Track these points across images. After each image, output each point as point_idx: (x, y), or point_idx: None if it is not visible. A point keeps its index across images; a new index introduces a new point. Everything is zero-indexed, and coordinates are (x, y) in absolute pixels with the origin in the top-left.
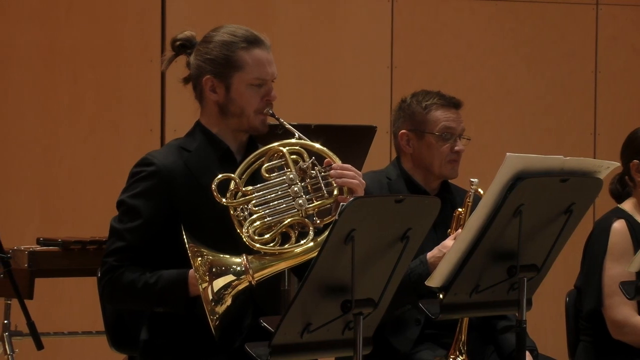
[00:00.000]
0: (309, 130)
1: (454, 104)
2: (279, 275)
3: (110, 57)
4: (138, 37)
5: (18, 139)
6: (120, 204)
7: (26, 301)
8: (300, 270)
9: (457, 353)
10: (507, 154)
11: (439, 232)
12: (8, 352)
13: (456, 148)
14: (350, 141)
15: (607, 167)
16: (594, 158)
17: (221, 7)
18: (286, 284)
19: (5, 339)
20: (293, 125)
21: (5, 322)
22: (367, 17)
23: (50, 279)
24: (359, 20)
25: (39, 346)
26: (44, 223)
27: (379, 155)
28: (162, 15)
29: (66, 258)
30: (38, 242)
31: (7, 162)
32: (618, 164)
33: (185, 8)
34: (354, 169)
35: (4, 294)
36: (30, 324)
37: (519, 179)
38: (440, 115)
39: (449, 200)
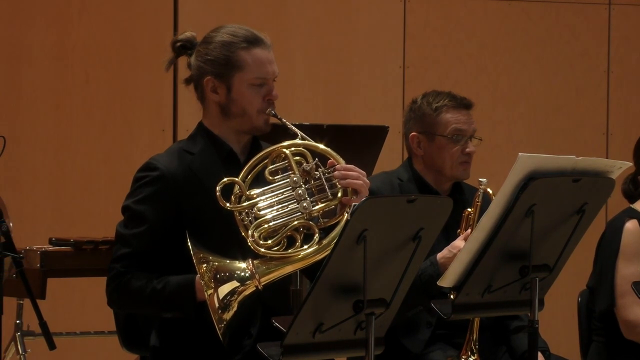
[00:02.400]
0: (321, 130)
1: (464, 105)
2: (288, 276)
3: (122, 57)
4: (150, 37)
5: (31, 138)
6: (125, 210)
7: (38, 301)
8: (310, 272)
9: (469, 353)
10: (520, 153)
11: (450, 233)
12: (20, 352)
13: (467, 150)
14: (362, 141)
15: (620, 167)
16: (607, 158)
17: (234, 7)
18: (298, 284)
19: (18, 339)
20: (302, 125)
21: (18, 322)
22: (380, 16)
23: (62, 279)
24: (372, 19)
25: (51, 346)
26: (56, 223)
27: (392, 155)
28: (175, 15)
29: (78, 258)
30: (50, 242)
31: (19, 161)
32: (630, 164)
33: (197, 8)
34: (357, 169)
35: (17, 294)
36: (43, 324)
37: (531, 179)
38: (451, 118)
39: (461, 202)
